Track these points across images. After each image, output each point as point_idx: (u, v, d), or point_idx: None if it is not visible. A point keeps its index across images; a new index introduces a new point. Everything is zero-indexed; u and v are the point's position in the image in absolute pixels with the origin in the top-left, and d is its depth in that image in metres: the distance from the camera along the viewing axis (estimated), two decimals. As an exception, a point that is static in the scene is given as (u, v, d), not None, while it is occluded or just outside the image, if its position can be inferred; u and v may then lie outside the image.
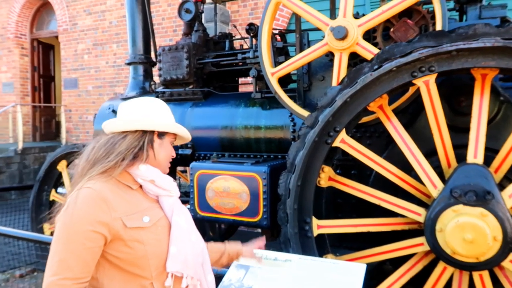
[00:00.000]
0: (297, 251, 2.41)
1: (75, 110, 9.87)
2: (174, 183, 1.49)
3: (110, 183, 1.34)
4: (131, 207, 1.34)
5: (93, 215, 1.25)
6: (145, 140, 1.43)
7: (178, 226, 1.41)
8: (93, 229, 1.24)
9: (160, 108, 1.51)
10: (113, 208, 1.29)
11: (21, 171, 8.96)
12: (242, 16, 7.76)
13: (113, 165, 1.34)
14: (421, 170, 2.25)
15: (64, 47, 9.95)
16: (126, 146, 1.38)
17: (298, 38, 3.05)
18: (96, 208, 1.26)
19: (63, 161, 4.14)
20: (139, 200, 1.39)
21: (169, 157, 1.52)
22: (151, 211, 1.39)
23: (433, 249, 2.17)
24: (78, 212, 1.25)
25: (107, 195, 1.29)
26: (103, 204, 1.27)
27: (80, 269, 1.23)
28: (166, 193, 1.45)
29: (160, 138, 1.48)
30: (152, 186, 1.42)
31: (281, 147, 3.30)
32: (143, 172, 1.40)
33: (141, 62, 4.30)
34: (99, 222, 1.25)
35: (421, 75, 2.13)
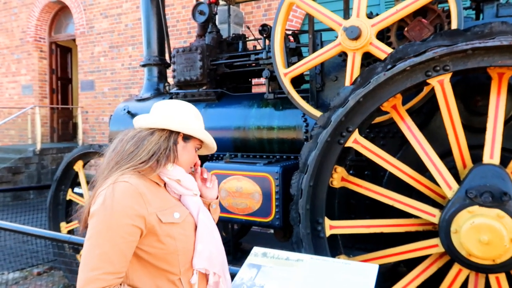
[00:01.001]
0: (309, 251, 2.40)
1: (92, 112, 10.04)
2: (195, 183, 1.54)
3: (143, 178, 1.37)
4: (163, 203, 1.38)
5: (132, 209, 1.26)
6: (171, 140, 1.45)
7: (204, 224, 1.46)
8: (133, 223, 1.25)
9: (190, 112, 1.54)
10: (149, 203, 1.31)
11: (39, 171, 9.15)
12: (256, 17, 7.78)
13: (147, 167, 1.37)
14: (435, 170, 2.22)
15: (81, 49, 10.14)
16: (155, 144, 1.40)
17: (311, 38, 3.04)
18: (134, 202, 1.28)
19: (79, 162, 4.22)
20: (167, 197, 1.43)
21: (191, 162, 1.55)
22: (179, 208, 1.43)
23: (448, 251, 2.14)
24: (117, 205, 1.25)
25: (143, 190, 1.32)
26: (140, 198, 1.29)
27: (120, 263, 1.23)
28: (190, 192, 1.49)
29: (185, 141, 1.50)
30: (177, 185, 1.45)
31: (294, 148, 3.29)
32: (170, 171, 1.43)
33: (155, 63, 4.36)
34: (138, 216, 1.27)
35: (435, 74, 2.11)
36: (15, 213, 5.39)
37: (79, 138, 10.03)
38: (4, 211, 5.40)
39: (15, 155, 9.11)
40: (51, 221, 4.33)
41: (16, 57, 11.11)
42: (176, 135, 1.46)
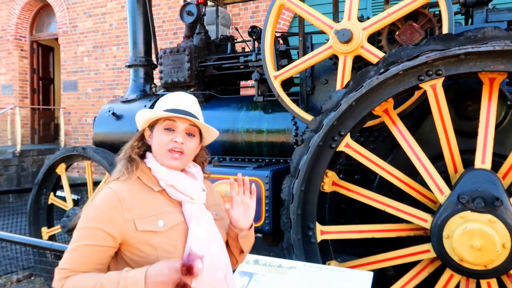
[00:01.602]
0: (300, 257, 2.36)
1: (74, 113, 9.82)
2: (197, 189, 1.41)
3: (133, 184, 1.35)
4: (148, 209, 1.32)
5: (105, 214, 1.26)
6: (143, 137, 1.46)
7: (195, 236, 1.33)
8: (102, 228, 1.25)
9: (159, 102, 1.47)
10: (128, 209, 1.28)
11: (19, 174, 8.89)
12: (243, 19, 7.73)
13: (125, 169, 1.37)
14: (427, 175, 2.21)
15: (64, 49, 9.91)
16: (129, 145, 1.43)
17: (301, 41, 3.01)
18: (110, 207, 1.27)
19: (62, 164, 4.09)
20: (158, 203, 1.35)
21: (162, 145, 1.38)
22: (168, 215, 1.34)
23: (439, 256, 2.13)
24: (92, 209, 1.29)
25: (124, 195, 1.30)
26: (117, 204, 1.28)
27: (77, 263, 1.24)
28: (187, 199, 1.39)
29: (151, 130, 1.43)
30: (173, 190, 1.38)
31: (283, 151, 3.26)
32: (164, 175, 1.37)
33: (142, 64, 4.27)
34: (109, 221, 1.26)
35: (428, 79, 2.10)
36: (-6, 217, 5.20)
37: (61, 139, 9.80)
38: (-19, 215, 5.21)
39: (-6, 156, 8.84)
40: (32, 226, 4.18)
41: (-4, 56, 10.80)
42: (143, 130, 1.47)
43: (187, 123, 1.40)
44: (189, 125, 1.41)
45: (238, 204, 1.42)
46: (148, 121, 1.43)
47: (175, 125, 1.39)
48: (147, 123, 1.44)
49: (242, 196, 1.43)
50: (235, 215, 1.41)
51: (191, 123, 1.41)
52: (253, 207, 1.45)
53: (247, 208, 1.43)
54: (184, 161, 1.41)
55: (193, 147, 1.43)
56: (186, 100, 1.45)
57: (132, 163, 1.38)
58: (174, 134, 1.38)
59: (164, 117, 1.39)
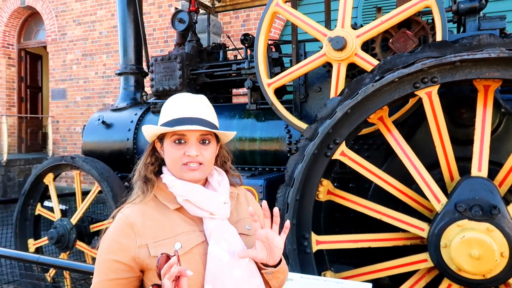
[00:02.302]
0: (295, 268, 2.31)
1: (63, 121, 9.67)
2: (217, 202, 1.23)
3: (148, 205, 1.22)
4: (163, 231, 1.17)
5: (117, 243, 1.16)
6: (155, 150, 1.31)
7: (215, 258, 1.16)
8: (115, 259, 1.14)
9: (164, 108, 1.29)
10: (141, 234, 1.16)
11: (5, 183, 8.70)
12: (234, 27, 7.73)
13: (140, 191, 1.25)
14: (423, 183, 2.18)
15: (53, 57, 9.79)
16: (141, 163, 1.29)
17: (295, 48, 2.99)
18: (121, 235, 1.16)
19: (50, 174, 3.99)
20: (175, 223, 1.20)
21: (176, 160, 1.22)
22: (187, 236, 1.18)
23: (437, 266, 2.10)
24: (105, 239, 1.19)
25: (135, 219, 1.18)
26: (129, 230, 1.16)
27: None
28: (206, 214, 1.21)
29: (161, 143, 1.28)
30: (190, 206, 1.21)
31: (276, 160, 3.22)
32: (179, 189, 1.21)
33: (132, 72, 4.21)
34: (122, 250, 1.15)
35: (423, 86, 2.09)
36: (-22, 229, 5.05)
37: (49, 148, 9.63)
38: (-35, 226, 5.05)
39: (-21, 166, 8.64)
40: (18, 237, 4.06)
41: (-18, 64, 10.62)
42: (153, 144, 1.32)
43: (198, 133, 1.23)
44: (200, 134, 1.23)
45: (262, 239, 1.17)
46: (155, 135, 1.28)
47: (186, 137, 1.22)
48: (155, 136, 1.29)
49: (268, 231, 1.17)
50: (259, 256, 1.19)
51: (203, 131, 1.23)
52: (280, 246, 1.18)
53: (272, 246, 1.18)
54: (205, 171, 1.25)
55: (210, 155, 1.26)
56: (194, 103, 1.27)
57: (148, 183, 1.25)
58: (186, 147, 1.22)
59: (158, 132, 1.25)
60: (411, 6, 2.43)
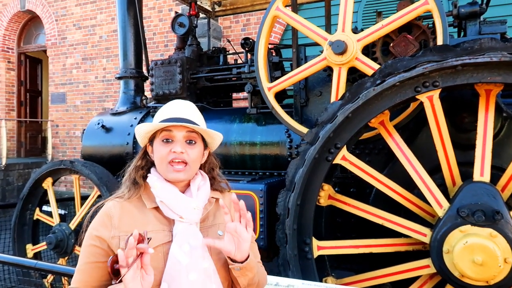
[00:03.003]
0: (296, 273, 2.29)
1: (62, 126, 9.66)
2: (188, 207, 1.28)
3: (131, 201, 1.32)
4: (135, 226, 1.22)
5: (96, 230, 1.27)
6: (146, 154, 1.40)
7: (174, 259, 1.23)
8: (95, 244, 1.25)
9: (156, 114, 1.39)
10: (116, 226, 1.26)
11: (4, 188, 8.66)
12: (234, 32, 7.74)
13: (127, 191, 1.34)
14: (425, 188, 2.17)
15: (53, 61, 9.79)
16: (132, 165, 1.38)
17: (295, 52, 2.98)
18: (100, 223, 1.28)
19: (49, 178, 3.96)
20: (148, 221, 1.29)
21: (162, 158, 1.30)
22: (155, 234, 1.25)
23: (439, 272, 2.08)
24: (89, 227, 1.30)
25: (114, 212, 1.28)
26: (107, 220, 1.27)
27: (83, 282, 1.24)
28: (176, 217, 1.28)
29: (152, 145, 1.36)
30: (165, 207, 1.29)
31: (277, 164, 3.20)
32: (158, 190, 1.29)
33: (132, 76, 4.20)
34: (98, 238, 1.25)
35: (424, 90, 2.08)
36: (-24, 234, 5.01)
37: (48, 153, 9.60)
38: (-36, 231, 5.02)
39: (-22, 170, 8.61)
40: (16, 242, 4.03)
41: (-18, 68, 10.62)
42: (145, 147, 1.41)
43: (184, 131, 1.31)
44: (187, 132, 1.32)
45: (231, 232, 1.25)
46: (147, 136, 1.37)
47: (172, 135, 1.31)
48: (146, 138, 1.37)
49: (237, 224, 1.25)
50: (226, 247, 1.24)
51: (189, 129, 1.32)
52: (247, 240, 1.25)
53: (240, 240, 1.25)
54: (189, 172, 1.32)
55: (195, 155, 1.33)
56: (181, 107, 1.37)
57: (135, 185, 1.34)
58: (173, 144, 1.30)
59: (161, 129, 1.32)
60: (412, 10, 2.43)
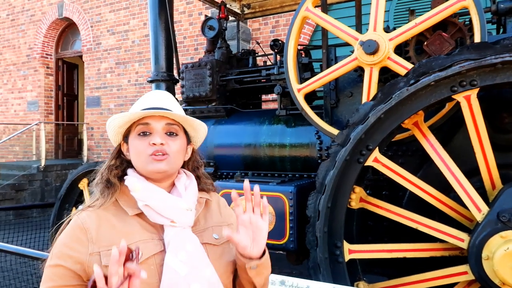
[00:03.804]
0: (327, 277, 2.26)
1: (97, 128, 9.98)
2: (179, 208, 1.13)
3: (107, 209, 1.12)
4: (118, 238, 1.03)
5: (67, 248, 1.05)
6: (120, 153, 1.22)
7: (171, 270, 1.06)
8: (63, 264, 1.03)
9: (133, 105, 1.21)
10: (94, 240, 1.05)
11: (43, 188, 9.04)
12: (263, 34, 7.75)
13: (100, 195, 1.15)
14: (462, 191, 2.08)
15: (88, 66, 10.15)
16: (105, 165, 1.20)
17: (325, 53, 2.95)
18: (72, 239, 1.06)
19: (84, 179, 4.10)
20: (133, 230, 1.10)
21: (140, 153, 1.14)
22: (143, 245, 1.07)
23: (478, 279, 1.99)
24: (57, 243, 1.08)
25: (90, 224, 1.08)
26: (82, 235, 1.06)
27: None
28: (167, 221, 1.11)
29: (126, 141, 1.20)
30: (151, 211, 1.11)
31: (306, 166, 3.17)
32: (140, 192, 1.12)
33: (163, 79, 4.26)
34: (71, 257, 1.04)
35: (461, 89, 2.00)
36: (18, 232, 5.25)
37: (84, 154, 9.95)
38: (6, 229, 5.27)
39: (19, 171, 9.01)
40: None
41: (23, 73, 11.14)
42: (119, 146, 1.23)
43: (163, 122, 1.15)
44: (166, 124, 1.16)
45: (245, 225, 1.11)
46: (120, 132, 1.20)
47: (150, 127, 1.14)
48: (119, 134, 1.20)
49: (251, 215, 1.12)
50: (242, 241, 1.10)
51: (169, 120, 1.16)
52: (265, 229, 1.12)
53: (257, 230, 1.11)
54: (171, 163, 1.15)
55: (177, 147, 1.17)
56: (158, 96, 1.20)
57: (109, 187, 1.15)
58: (151, 137, 1.14)
59: (136, 123, 1.15)
60: (447, 8, 2.35)
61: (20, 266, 4.11)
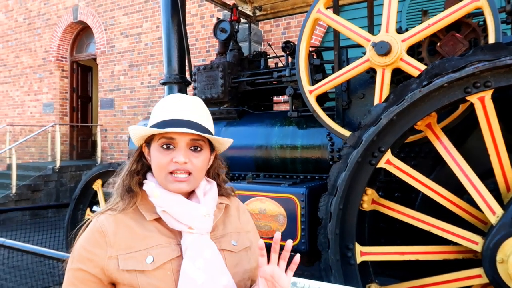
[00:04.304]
0: (339, 279, 2.25)
1: (111, 130, 10.11)
2: (197, 215, 1.11)
3: (126, 213, 1.12)
4: (136, 242, 1.07)
5: (86, 251, 1.07)
6: (142, 156, 1.21)
7: (187, 278, 1.04)
8: (83, 268, 1.06)
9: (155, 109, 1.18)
10: (112, 244, 1.06)
11: (58, 189, 9.19)
12: (275, 35, 7.76)
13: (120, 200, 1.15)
14: (476, 194, 2.06)
15: (102, 68, 10.29)
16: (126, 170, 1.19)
17: (337, 55, 2.95)
18: (91, 243, 1.08)
19: (98, 180, 4.17)
20: (150, 234, 1.09)
21: (161, 167, 1.11)
22: (160, 249, 1.07)
23: (493, 283, 1.96)
24: (76, 246, 1.10)
25: (109, 228, 1.08)
26: (100, 238, 1.07)
27: None
28: (184, 228, 1.10)
29: (148, 148, 1.17)
30: (168, 217, 1.10)
31: (318, 168, 3.17)
32: (158, 199, 1.11)
33: (176, 81, 4.30)
34: (90, 260, 1.06)
35: (475, 91, 1.98)
36: (33, 231, 5.35)
37: (97, 156, 10.09)
38: (22, 229, 5.38)
39: (35, 172, 9.19)
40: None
41: (39, 76, 11.35)
42: (141, 149, 1.21)
43: (188, 137, 1.11)
44: (191, 140, 1.12)
45: (266, 277, 1.05)
46: (143, 138, 1.17)
47: (174, 142, 1.11)
48: (142, 139, 1.18)
49: (275, 267, 1.05)
50: None
51: (195, 136, 1.11)
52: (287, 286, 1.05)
53: (277, 286, 1.04)
54: (193, 182, 1.13)
55: (201, 163, 1.13)
56: (185, 104, 1.14)
57: (130, 193, 1.14)
58: (174, 152, 1.10)
59: (160, 134, 1.11)
60: (461, 8, 2.33)
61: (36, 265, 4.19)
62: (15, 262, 4.01)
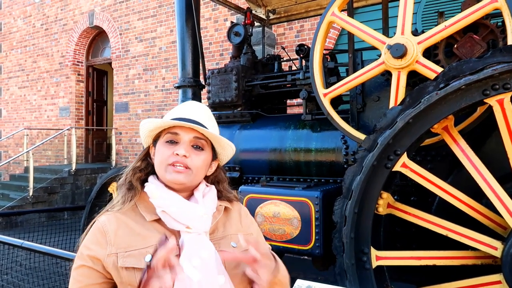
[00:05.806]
0: (354, 283, 2.23)
1: (125, 133, 10.23)
2: (195, 214, 1.15)
3: (127, 213, 1.18)
4: (135, 241, 1.11)
5: (88, 249, 1.12)
6: (148, 156, 1.28)
7: (183, 276, 1.05)
8: (86, 264, 1.11)
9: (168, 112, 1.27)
10: (112, 242, 1.11)
11: (74, 191, 9.33)
12: (288, 38, 7.77)
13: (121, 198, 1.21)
14: (496, 198, 2.02)
15: (117, 72, 10.44)
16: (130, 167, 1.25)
17: (351, 57, 2.93)
18: (93, 241, 1.13)
19: (113, 183, 4.21)
20: (151, 234, 1.13)
21: (163, 160, 1.17)
22: None
23: (513, 289, 1.92)
24: (80, 248, 1.16)
25: (109, 227, 1.13)
26: (102, 237, 1.12)
27: None
28: (182, 227, 1.13)
29: (154, 145, 1.24)
30: (167, 217, 1.14)
31: (332, 171, 3.15)
32: (158, 199, 1.15)
33: (190, 85, 4.33)
34: (91, 257, 1.11)
35: (494, 93, 1.94)
36: (50, 233, 5.44)
37: (112, 159, 10.22)
38: (39, 231, 5.47)
39: (51, 175, 9.35)
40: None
41: (55, 80, 11.57)
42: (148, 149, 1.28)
43: (192, 134, 1.19)
44: (194, 137, 1.19)
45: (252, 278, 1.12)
46: (151, 136, 1.24)
47: (178, 137, 1.18)
48: (150, 138, 1.25)
49: None
50: None
51: (198, 134, 1.19)
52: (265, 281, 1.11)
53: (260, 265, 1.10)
54: (191, 177, 1.18)
55: (200, 162, 1.19)
56: (193, 108, 1.24)
57: (131, 190, 1.20)
58: (176, 147, 1.17)
59: (166, 130, 1.20)
60: (478, 9, 2.29)
61: (52, 267, 4.25)
62: (32, 263, 4.08)
